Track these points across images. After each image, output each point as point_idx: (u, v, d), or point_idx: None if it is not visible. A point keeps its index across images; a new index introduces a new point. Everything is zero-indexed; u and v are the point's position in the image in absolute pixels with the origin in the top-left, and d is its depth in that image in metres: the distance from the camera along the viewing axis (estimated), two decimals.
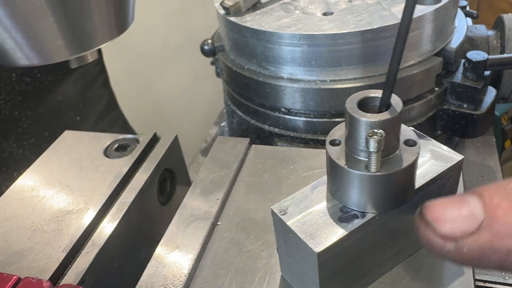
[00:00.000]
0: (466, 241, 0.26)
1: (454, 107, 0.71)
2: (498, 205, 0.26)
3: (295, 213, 0.35)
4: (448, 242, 0.27)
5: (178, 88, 1.70)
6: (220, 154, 0.56)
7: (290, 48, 0.64)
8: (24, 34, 0.33)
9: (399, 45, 0.30)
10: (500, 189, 0.26)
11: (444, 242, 0.27)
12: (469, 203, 0.27)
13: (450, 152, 0.38)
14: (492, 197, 0.26)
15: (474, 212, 0.26)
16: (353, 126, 0.32)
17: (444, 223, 0.27)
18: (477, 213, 0.26)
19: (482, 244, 0.26)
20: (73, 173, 0.55)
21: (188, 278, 0.41)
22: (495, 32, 0.78)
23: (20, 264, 0.44)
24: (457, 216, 0.27)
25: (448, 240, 0.27)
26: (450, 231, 0.27)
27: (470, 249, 0.26)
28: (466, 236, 0.26)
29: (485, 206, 0.26)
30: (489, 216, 0.26)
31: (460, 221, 0.26)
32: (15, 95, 0.82)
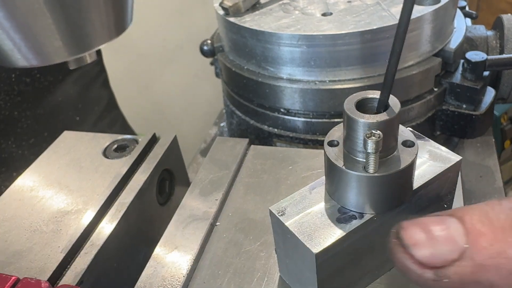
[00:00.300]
0: (446, 270, 0.24)
1: (453, 108, 0.71)
2: (481, 233, 0.24)
3: (293, 213, 0.35)
4: (427, 270, 0.25)
5: (177, 89, 1.70)
6: (219, 155, 0.56)
7: (289, 49, 0.64)
8: (23, 35, 0.33)
9: (397, 46, 0.30)
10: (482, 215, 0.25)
11: (422, 270, 0.25)
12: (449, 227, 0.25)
13: (448, 152, 0.38)
14: (475, 224, 0.25)
15: (455, 239, 0.24)
16: (351, 127, 0.32)
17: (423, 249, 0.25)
18: (459, 240, 0.24)
19: (463, 275, 0.24)
20: (72, 173, 0.56)
21: (187, 278, 0.41)
22: (494, 32, 0.78)
23: (19, 265, 0.44)
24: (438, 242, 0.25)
25: (427, 268, 0.25)
26: (429, 259, 0.25)
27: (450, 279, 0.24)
28: (447, 265, 0.24)
29: (467, 234, 0.24)
30: (471, 246, 0.24)
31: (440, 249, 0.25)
32: (14, 95, 0.83)
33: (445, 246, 0.25)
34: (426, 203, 0.37)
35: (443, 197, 0.39)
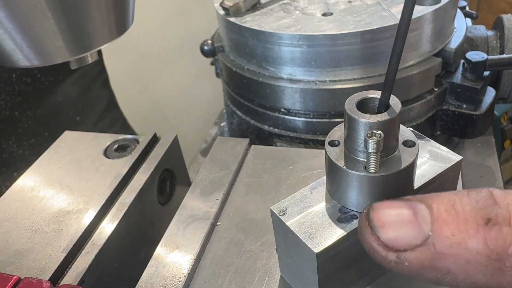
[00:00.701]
0: (408, 254, 0.25)
1: (454, 108, 0.71)
2: (445, 222, 0.25)
3: (294, 213, 0.35)
4: (390, 252, 0.26)
5: (178, 88, 1.71)
6: (219, 155, 0.56)
7: (289, 49, 0.64)
8: (24, 35, 0.33)
9: (398, 46, 0.30)
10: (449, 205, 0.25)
11: (386, 252, 0.26)
12: (417, 213, 0.26)
13: (449, 152, 0.38)
14: (441, 213, 0.25)
15: (421, 225, 0.25)
16: (352, 127, 0.32)
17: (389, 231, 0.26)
18: (424, 227, 0.25)
19: (423, 260, 0.25)
20: (73, 173, 0.56)
21: (188, 278, 0.41)
22: (495, 32, 0.78)
23: (20, 264, 0.44)
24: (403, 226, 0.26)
25: (391, 251, 0.26)
26: (394, 242, 0.26)
27: (410, 264, 0.25)
28: (409, 249, 0.25)
29: (432, 221, 0.25)
30: (435, 234, 0.25)
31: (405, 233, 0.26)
32: (15, 95, 0.83)
33: (410, 231, 0.26)
34: None
35: None
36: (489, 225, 0.24)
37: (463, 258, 0.24)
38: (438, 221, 0.25)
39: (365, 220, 0.28)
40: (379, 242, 0.27)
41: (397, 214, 0.27)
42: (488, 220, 0.24)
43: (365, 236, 0.28)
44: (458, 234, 0.24)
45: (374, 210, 0.28)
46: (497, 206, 0.25)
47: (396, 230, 0.26)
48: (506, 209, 0.25)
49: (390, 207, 0.27)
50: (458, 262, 0.25)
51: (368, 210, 0.28)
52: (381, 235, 0.26)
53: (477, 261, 0.24)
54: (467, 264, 0.24)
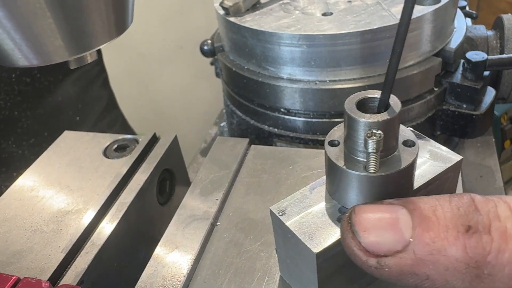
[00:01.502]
0: (388, 260, 0.25)
1: (454, 108, 0.71)
2: (426, 229, 0.25)
3: (294, 213, 0.35)
4: (371, 257, 0.26)
5: (177, 88, 1.71)
6: (219, 155, 0.56)
7: (289, 49, 0.64)
8: (23, 35, 0.33)
9: (397, 45, 0.30)
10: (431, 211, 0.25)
11: (367, 257, 0.26)
12: (398, 218, 0.26)
13: (449, 152, 0.38)
14: (422, 219, 0.25)
15: (402, 230, 0.25)
16: (351, 127, 0.32)
17: (370, 237, 0.26)
18: (405, 233, 0.25)
19: (403, 266, 0.25)
20: (72, 173, 0.56)
21: (187, 278, 0.41)
22: (495, 32, 0.78)
23: (19, 265, 0.44)
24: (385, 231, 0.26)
25: (371, 256, 0.26)
26: (374, 247, 0.26)
27: (390, 269, 0.25)
28: (390, 255, 0.25)
29: (413, 227, 0.25)
30: (415, 241, 0.25)
31: (386, 238, 0.26)
32: (14, 95, 0.83)
33: (391, 237, 0.26)
34: None
35: None
36: (469, 232, 0.24)
37: (442, 265, 0.24)
38: (419, 227, 0.25)
39: (346, 224, 0.28)
40: (360, 247, 0.27)
41: (379, 218, 0.27)
42: (468, 227, 0.24)
43: (346, 241, 0.27)
44: (438, 241, 0.24)
45: (356, 214, 0.28)
46: (478, 213, 0.25)
47: (377, 235, 0.26)
48: (487, 217, 0.25)
49: (372, 211, 0.27)
50: (437, 269, 0.25)
51: (350, 214, 0.28)
52: (362, 240, 0.26)
53: (456, 268, 0.24)
54: (446, 271, 0.24)
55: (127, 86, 1.57)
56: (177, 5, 1.57)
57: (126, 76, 1.58)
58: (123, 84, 1.35)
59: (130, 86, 1.62)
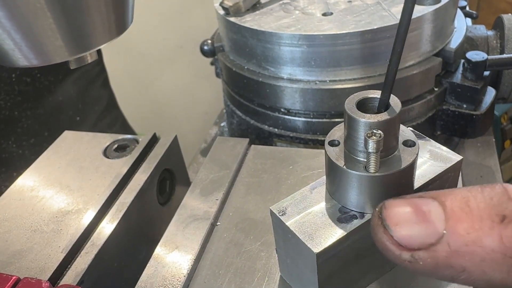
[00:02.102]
0: (422, 253, 0.25)
1: (454, 108, 0.71)
2: (460, 220, 0.25)
3: (294, 213, 0.35)
4: (404, 251, 0.26)
5: (177, 88, 1.71)
6: (219, 154, 0.56)
7: (289, 49, 0.64)
8: (23, 34, 0.33)
9: (398, 45, 0.30)
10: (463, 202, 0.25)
11: (400, 251, 0.26)
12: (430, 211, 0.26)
13: (449, 152, 0.38)
14: (455, 210, 0.25)
15: (435, 223, 0.25)
16: (352, 127, 0.32)
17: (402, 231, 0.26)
18: (438, 225, 0.25)
19: (438, 259, 0.25)
20: (72, 173, 0.55)
21: (187, 278, 0.41)
22: (495, 32, 0.78)
23: (20, 264, 0.44)
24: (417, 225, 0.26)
25: (405, 250, 0.26)
26: (407, 241, 0.26)
27: (424, 262, 0.25)
28: (423, 248, 0.25)
29: (446, 219, 0.25)
30: (449, 233, 0.25)
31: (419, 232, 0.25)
32: (15, 95, 0.83)
33: (424, 230, 0.25)
34: None
35: None
36: (505, 222, 0.24)
37: (478, 256, 0.24)
38: (452, 219, 0.25)
39: (377, 218, 0.27)
40: (392, 241, 0.26)
41: (410, 212, 0.26)
42: (503, 217, 0.24)
43: (378, 235, 0.27)
44: (473, 232, 0.24)
45: (387, 208, 0.27)
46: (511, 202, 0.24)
47: (410, 229, 0.26)
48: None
49: (402, 205, 0.27)
50: (473, 260, 0.24)
51: (381, 209, 0.28)
52: (394, 234, 0.26)
53: (493, 259, 0.24)
54: (482, 262, 0.24)
55: (127, 86, 1.57)
56: (177, 5, 1.57)
57: (126, 76, 1.58)
58: (123, 84, 1.35)
59: (130, 86, 1.62)
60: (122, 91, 1.22)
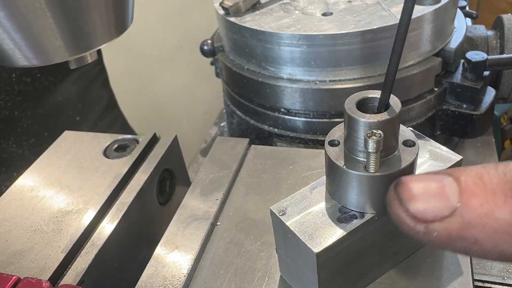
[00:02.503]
0: (436, 225, 0.26)
1: (454, 108, 0.71)
2: (473, 194, 0.25)
3: (294, 213, 0.35)
4: (419, 223, 0.27)
5: (177, 88, 1.71)
6: (219, 154, 0.56)
7: (289, 49, 0.64)
8: (23, 34, 0.33)
9: (397, 45, 0.30)
10: (477, 177, 0.26)
11: (415, 223, 0.27)
12: (445, 186, 0.26)
13: (449, 152, 0.38)
14: (469, 185, 0.26)
15: (449, 197, 0.26)
16: (351, 127, 0.32)
17: (417, 203, 0.27)
18: (452, 199, 0.26)
19: (451, 230, 0.26)
20: (72, 173, 0.56)
21: (188, 278, 0.41)
22: (495, 32, 0.78)
23: (20, 264, 0.44)
24: (432, 198, 0.26)
25: (419, 222, 0.27)
26: (422, 213, 0.26)
27: (439, 234, 0.26)
28: (437, 220, 0.26)
29: (460, 193, 0.26)
30: (463, 205, 0.25)
31: (433, 205, 0.26)
32: (14, 95, 0.83)
33: (438, 203, 0.26)
34: None
35: None
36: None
37: (491, 227, 0.25)
38: (466, 193, 0.25)
39: (393, 193, 0.28)
40: (407, 213, 0.27)
41: (425, 186, 0.27)
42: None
43: (393, 208, 0.28)
44: (486, 205, 0.25)
45: (402, 184, 0.28)
46: None
47: (424, 202, 0.27)
48: None
49: (418, 181, 0.28)
50: (486, 232, 0.25)
51: (396, 184, 0.28)
52: (409, 207, 0.27)
53: (505, 231, 0.24)
54: (495, 233, 0.25)
55: (127, 86, 1.57)
56: (177, 5, 1.57)
57: (126, 76, 1.58)
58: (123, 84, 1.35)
59: (130, 86, 1.62)
60: (122, 91, 1.22)
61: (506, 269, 0.53)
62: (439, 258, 0.40)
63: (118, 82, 1.19)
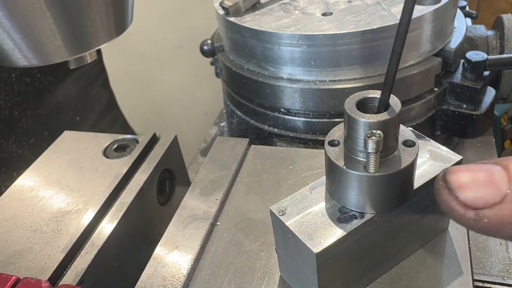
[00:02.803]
0: (487, 212, 0.26)
1: (454, 108, 0.71)
2: None
3: (293, 213, 0.35)
4: (469, 210, 0.27)
5: (177, 88, 1.71)
6: (219, 154, 0.56)
7: (289, 49, 0.64)
8: (23, 34, 0.33)
9: (398, 45, 0.30)
10: None
11: (465, 210, 0.27)
12: (494, 174, 0.27)
13: (449, 152, 0.38)
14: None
15: (499, 185, 0.26)
16: (351, 127, 0.32)
17: (467, 192, 0.27)
18: (502, 186, 0.26)
19: (502, 216, 0.26)
20: (72, 173, 0.55)
21: (187, 278, 0.41)
22: (495, 32, 0.77)
23: (19, 264, 0.44)
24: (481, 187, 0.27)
25: (469, 209, 0.27)
26: (472, 201, 0.27)
27: (490, 220, 0.26)
28: (488, 207, 0.26)
29: (509, 181, 0.26)
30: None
31: (484, 192, 0.27)
32: (14, 95, 0.83)
33: (488, 191, 0.27)
34: (427, 202, 0.37)
35: None
36: None
37: None
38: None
39: (442, 181, 0.29)
40: (457, 201, 0.27)
41: (474, 176, 0.28)
42: None
43: (442, 197, 0.28)
44: None
45: (451, 173, 0.28)
46: None
47: (474, 191, 0.27)
48: None
49: (466, 170, 0.28)
50: None
51: (445, 174, 0.29)
52: (460, 195, 0.27)
53: None
54: None
55: (127, 86, 1.57)
56: (177, 5, 1.57)
57: (126, 76, 1.58)
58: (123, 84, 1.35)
59: (130, 86, 1.62)
60: (122, 91, 1.22)
61: (506, 269, 0.53)
62: (439, 258, 0.40)
63: (118, 82, 1.19)
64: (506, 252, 0.56)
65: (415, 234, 0.40)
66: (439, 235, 0.42)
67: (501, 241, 0.57)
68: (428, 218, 0.39)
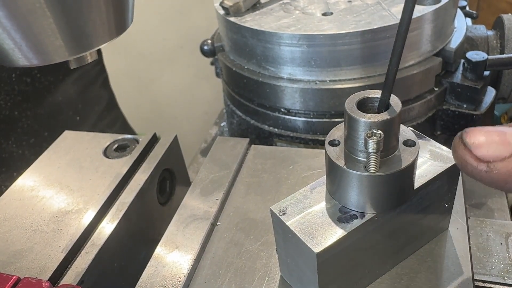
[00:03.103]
0: (497, 164, 0.29)
1: (454, 107, 0.71)
2: None
3: (294, 213, 0.35)
4: (481, 163, 0.29)
5: (178, 88, 1.71)
6: (219, 154, 0.56)
7: (289, 48, 0.64)
8: (23, 34, 0.33)
9: (398, 45, 0.30)
10: None
11: (477, 163, 0.29)
12: (506, 134, 0.29)
13: (449, 152, 0.38)
14: None
15: (510, 142, 0.29)
16: (352, 127, 0.32)
17: (480, 147, 0.29)
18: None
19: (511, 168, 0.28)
20: (72, 173, 0.55)
21: (188, 278, 0.41)
22: (495, 32, 0.77)
23: (20, 264, 0.44)
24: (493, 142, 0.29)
25: (482, 162, 0.29)
26: (485, 155, 0.29)
27: (499, 172, 0.29)
28: (498, 160, 0.29)
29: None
30: None
31: (495, 147, 0.29)
32: (15, 95, 0.83)
33: (500, 147, 0.29)
34: (427, 202, 0.37)
35: (444, 196, 0.39)
36: None
37: None
38: None
39: (459, 139, 0.31)
40: (471, 154, 0.30)
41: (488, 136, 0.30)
42: None
43: (458, 152, 0.31)
44: None
45: (467, 132, 0.31)
46: None
47: (487, 147, 0.29)
48: None
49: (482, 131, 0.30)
50: None
51: (462, 133, 0.31)
52: (474, 149, 0.30)
53: None
54: None
55: (127, 86, 1.57)
56: (177, 5, 1.57)
57: (126, 76, 1.58)
58: (123, 84, 1.35)
59: (130, 86, 1.62)
60: (122, 91, 1.22)
61: (506, 269, 0.53)
62: (439, 258, 0.40)
63: (118, 82, 1.19)
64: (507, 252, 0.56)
65: (415, 234, 0.40)
66: (439, 235, 0.42)
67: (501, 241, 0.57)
68: (429, 218, 0.39)
